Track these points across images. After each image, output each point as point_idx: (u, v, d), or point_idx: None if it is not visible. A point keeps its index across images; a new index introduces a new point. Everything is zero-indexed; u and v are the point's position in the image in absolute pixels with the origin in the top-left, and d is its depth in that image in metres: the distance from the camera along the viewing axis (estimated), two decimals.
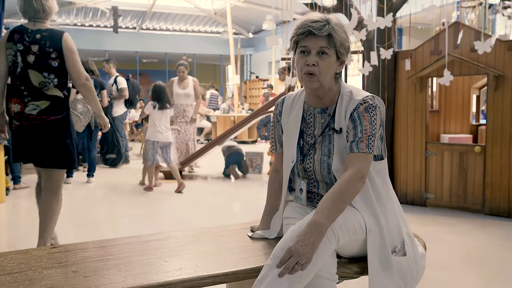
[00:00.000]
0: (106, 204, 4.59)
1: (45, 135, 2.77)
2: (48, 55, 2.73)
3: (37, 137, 2.76)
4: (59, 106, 2.78)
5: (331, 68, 1.60)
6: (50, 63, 2.73)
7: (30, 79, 2.72)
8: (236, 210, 4.73)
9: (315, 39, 1.56)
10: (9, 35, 2.76)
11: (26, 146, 2.79)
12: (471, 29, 4.12)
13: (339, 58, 1.61)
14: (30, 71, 2.72)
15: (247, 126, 6.93)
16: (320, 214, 1.43)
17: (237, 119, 11.55)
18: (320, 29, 1.55)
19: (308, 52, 1.58)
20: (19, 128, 2.76)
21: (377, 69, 4.43)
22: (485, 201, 4.10)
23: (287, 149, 1.74)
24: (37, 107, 2.73)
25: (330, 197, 1.47)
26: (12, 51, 2.73)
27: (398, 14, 4.55)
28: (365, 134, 1.55)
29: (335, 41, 1.57)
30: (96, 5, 12.58)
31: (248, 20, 15.52)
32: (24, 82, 2.73)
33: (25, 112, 2.73)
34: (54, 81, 2.75)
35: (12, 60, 2.74)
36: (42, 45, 2.73)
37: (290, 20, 4.32)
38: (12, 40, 2.74)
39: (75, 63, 2.79)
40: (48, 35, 2.76)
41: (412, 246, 1.65)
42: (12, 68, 2.75)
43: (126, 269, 1.46)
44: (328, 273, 1.47)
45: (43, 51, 2.73)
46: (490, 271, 2.80)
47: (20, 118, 2.74)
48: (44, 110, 2.74)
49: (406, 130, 4.48)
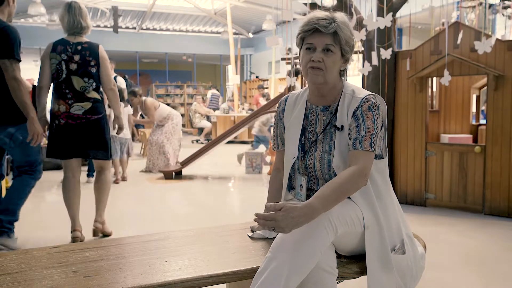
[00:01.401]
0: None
1: (91, 132, 3.23)
2: (88, 63, 3.22)
3: (83, 133, 3.21)
4: (99, 106, 3.26)
5: (336, 65, 1.63)
6: (90, 70, 3.22)
7: (73, 84, 3.18)
8: (236, 210, 4.73)
9: (321, 36, 1.59)
10: (53, 47, 3.20)
11: (70, 142, 3.20)
12: (471, 29, 4.11)
13: (344, 56, 1.64)
14: (73, 77, 3.19)
15: (247, 126, 6.93)
16: (317, 200, 1.44)
17: (237, 119, 11.55)
18: (326, 26, 1.58)
19: (313, 49, 1.61)
20: (64, 125, 3.18)
21: (377, 69, 4.43)
22: (485, 201, 4.10)
23: (289, 146, 1.75)
24: (82, 108, 3.20)
25: (331, 186, 1.49)
26: (56, 60, 3.18)
27: (398, 14, 4.55)
28: (368, 132, 1.56)
29: (341, 39, 1.59)
30: (96, 5, 12.57)
31: (248, 20, 15.51)
32: (68, 87, 3.18)
33: (71, 112, 3.17)
34: (93, 85, 3.23)
35: (56, 68, 3.18)
36: (83, 55, 3.22)
37: (290, 20, 4.32)
38: (55, 51, 3.19)
39: (107, 70, 3.31)
40: (88, 46, 3.26)
41: (412, 246, 1.65)
42: (56, 75, 3.19)
43: (126, 269, 1.46)
44: (327, 265, 1.47)
45: (84, 60, 3.22)
46: (490, 271, 2.80)
47: (66, 117, 3.18)
48: (88, 110, 3.20)
49: (406, 130, 4.48)
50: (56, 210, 4.51)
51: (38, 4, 10.08)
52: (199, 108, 12.88)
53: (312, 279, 1.44)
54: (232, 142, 8.89)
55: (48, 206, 4.72)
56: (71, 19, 3.24)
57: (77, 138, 3.20)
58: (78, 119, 3.19)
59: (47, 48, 3.23)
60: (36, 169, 3.20)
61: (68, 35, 3.28)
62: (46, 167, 6.92)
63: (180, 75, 20.16)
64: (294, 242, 1.42)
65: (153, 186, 5.78)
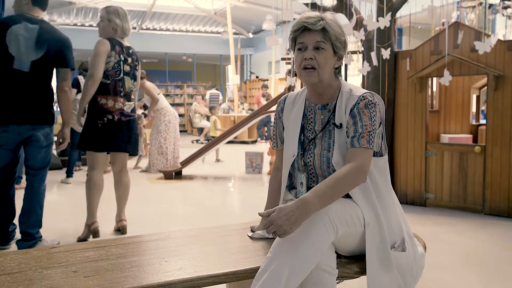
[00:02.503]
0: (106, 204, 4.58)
1: (132, 129, 3.50)
2: (135, 67, 3.50)
3: (128, 130, 3.45)
4: (135, 107, 3.55)
5: (329, 62, 1.64)
6: (135, 73, 3.50)
7: (125, 84, 3.42)
8: (236, 210, 4.73)
9: (311, 34, 1.61)
10: (111, 45, 3.32)
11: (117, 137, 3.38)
12: (471, 29, 4.11)
13: (336, 53, 1.65)
14: (126, 77, 3.42)
15: (247, 126, 6.93)
16: (313, 194, 1.45)
17: (237, 119, 11.55)
18: (314, 24, 1.60)
19: (305, 48, 1.63)
20: (117, 121, 3.37)
21: (377, 69, 4.43)
22: (485, 201, 4.10)
23: (288, 144, 1.76)
24: (130, 106, 3.46)
25: (328, 182, 1.49)
26: (115, 59, 3.34)
27: (398, 14, 4.55)
28: (366, 129, 1.57)
29: (330, 35, 1.61)
30: (96, 5, 12.58)
31: (248, 20, 15.52)
32: (122, 86, 3.40)
33: (124, 109, 3.40)
34: (134, 88, 3.51)
35: (114, 66, 3.34)
36: (132, 59, 3.47)
37: (290, 20, 4.32)
38: (114, 49, 3.34)
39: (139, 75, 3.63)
40: (133, 52, 3.52)
41: (412, 245, 1.66)
42: (113, 73, 3.35)
43: (126, 269, 1.46)
44: (328, 265, 1.47)
45: (133, 64, 3.48)
46: (490, 271, 2.80)
47: (120, 114, 3.38)
48: (133, 109, 3.49)
49: (406, 130, 4.48)
50: (56, 210, 4.51)
51: None
52: (199, 108, 12.88)
53: (312, 279, 1.44)
54: (232, 142, 8.88)
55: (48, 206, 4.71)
56: (123, 24, 3.42)
57: (123, 134, 3.42)
58: (128, 117, 3.43)
59: (103, 44, 3.30)
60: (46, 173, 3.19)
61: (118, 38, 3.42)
62: None
63: (180, 75, 20.16)
64: (295, 242, 1.41)
65: (153, 186, 5.78)
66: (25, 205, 3.09)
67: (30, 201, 3.10)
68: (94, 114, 3.34)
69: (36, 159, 3.10)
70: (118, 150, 3.46)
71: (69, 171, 6.02)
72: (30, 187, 3.11)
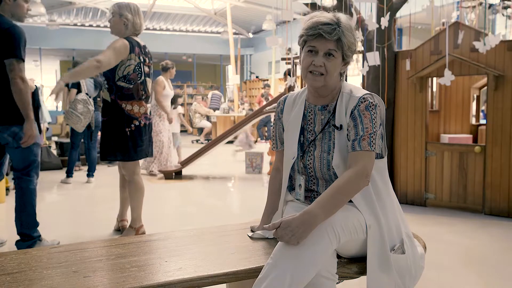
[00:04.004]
0: (106, 204, 4.59)
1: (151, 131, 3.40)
2: (151, 67, 3.34)
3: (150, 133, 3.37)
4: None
5: (337, 69, 1.63)
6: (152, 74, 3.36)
7: (147, 86, 3.29)
8: (236, 210, 4.73)
9: (325, 41, 1.59)
10: (131, 47, 3.16)
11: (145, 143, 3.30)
12: (471, 29, 4.11)
13: (344, 59, 1.65)
14: (147, 79, 3.29)
15: (247, 126, 6.92)
16: (317, 205, 1.45)
17: (237, 119, 11.55)
18: (330, 32, 1.58)
19: (315, 52, 1.61)
20: (144, 126, 3.27)
21: (377, 69, 4.43)
22: (485, 201, 4.10)
23: (288, 146, 1.76)
24: (149, 109, 3.36)
25: (330, 191, 1.49)
26: (135, 61, 3.18)
27: (398, 14, 4.54)
28: (367, 132, 1.56)
29: (343, 45, 1.60)
30: (96, 5, 12.58)
31: (248, 20, 15.51)
32: (144, 89, 3.27)
33: (146, 113, 3.29)
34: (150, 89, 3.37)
35: (134, 69, 3.19)
36: (149, 58, 3.32)
37: (290, 20, 4.32)
38: (133, 51, 3.18)
39: None
40: (149, 51, 3.33)
41: (411, 246, 1.65)
42: (134, 76, 3.20)
43: (126, 269, 1.46)
44: (328, 272, 1.47)
45: (150, 63, 3.33)
46: (490, 271, 2.80)
47: (145, 118, 3.28)
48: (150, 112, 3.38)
49: (406, 130, 4.48)
50: (56, 210, 4.51)
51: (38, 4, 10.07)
52: (199, 108, 12.88)
53: (311, 286, 1.44)
54: (232, 142, 8.88)
55: (48, 206, 4.72)
56: (134, 19, 3.27)
57: (147, 138, 3.34)
58: (149, 120, 3.34)
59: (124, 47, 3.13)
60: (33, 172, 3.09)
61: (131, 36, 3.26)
62: (46, 167, 6.92)
63: (180, 75, 20.11)
64: (296, 250, 1.41)
65: (153, 186, 5.77)
66: (17, 207, 3.07)
67: (20, 202, 3.07)
68: (121, 122, 3.21)
69: (15, 160, 3.06)
70: (145, 156, 3.37)
71: (69, 171, 6.03)
72: (19, 189, 3.08)
